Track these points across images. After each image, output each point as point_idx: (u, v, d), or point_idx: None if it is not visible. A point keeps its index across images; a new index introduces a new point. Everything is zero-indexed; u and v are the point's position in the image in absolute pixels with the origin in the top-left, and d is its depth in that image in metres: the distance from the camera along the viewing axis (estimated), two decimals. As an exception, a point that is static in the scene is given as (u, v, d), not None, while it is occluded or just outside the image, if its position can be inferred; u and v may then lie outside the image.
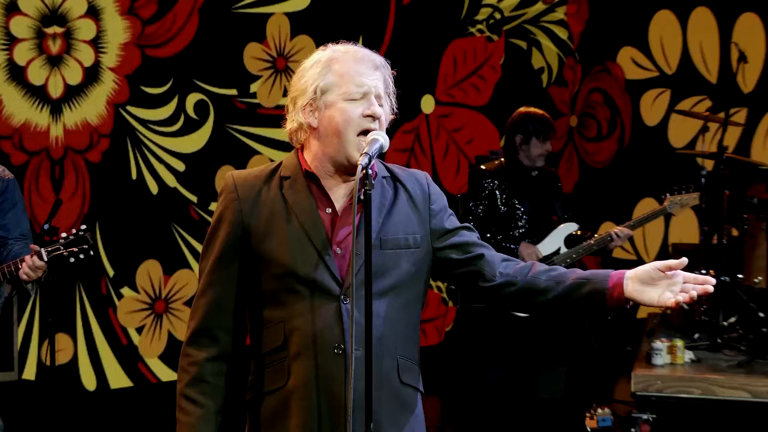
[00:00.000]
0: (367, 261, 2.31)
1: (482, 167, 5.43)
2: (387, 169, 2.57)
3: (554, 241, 5.32)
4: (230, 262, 2.47)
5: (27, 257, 4.06)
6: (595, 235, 5.35)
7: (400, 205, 2.52)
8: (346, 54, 2.49)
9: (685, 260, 2.38)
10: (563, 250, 5.30)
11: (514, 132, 5.42)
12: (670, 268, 2.38)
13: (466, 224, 2.61)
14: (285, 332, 2.41)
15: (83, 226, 4.13)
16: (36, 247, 4.06)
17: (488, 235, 5.24)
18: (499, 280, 2.53)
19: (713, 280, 2.38)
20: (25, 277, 4.05)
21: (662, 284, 2.38)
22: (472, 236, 2.59)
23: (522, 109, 5.55)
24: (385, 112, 2.50)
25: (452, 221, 2.59)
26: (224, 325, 2.48)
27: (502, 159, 5.48)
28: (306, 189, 2.47)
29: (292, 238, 2.42)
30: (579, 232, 5.39)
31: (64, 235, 4.11)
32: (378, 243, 2.43)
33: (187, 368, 2.48)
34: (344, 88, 2.45)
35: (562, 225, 5.36)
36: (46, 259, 4.05)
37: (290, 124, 2.53)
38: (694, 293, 2.36)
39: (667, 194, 5.54)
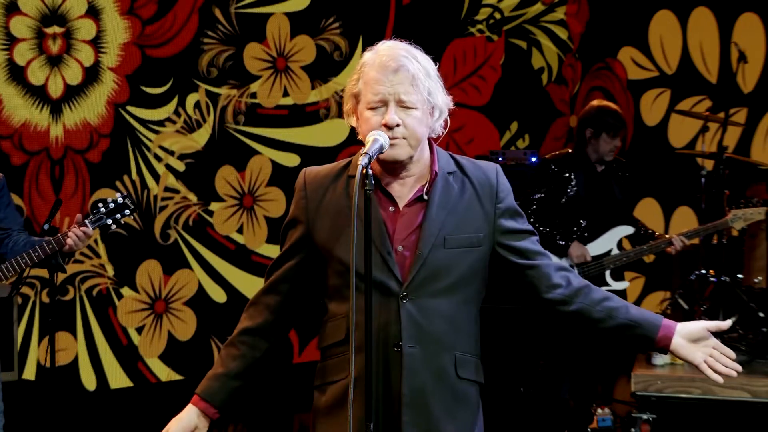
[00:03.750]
0: (367, 258, 2.36)
1: (547, 157, 5.48)
2: (456, 162, 2.62)
3: (606, 242, 5.31)
4: (294, 256, 2.62)
5: (73, 228, 4.15)
6: (650, 242, 5.32)
7: (466, 201, 2.56)
8: (374, 58, 2.52)
9: (729, 323, 2.58)
10: (614, 251, 5.30)
11: (585, 125, 5.42)
12: (719, 329, 2.55)
13: (531, 228, 2.64)
14: (347, 327, 2.48)
15: (117, 194, 4.27)
16: (80, 217, 4.15)
17: (546, 229, 5.24)
18: (552, 295, 2.58)
19: (735, 372, 2.53)
20: (72, 245, 4.16)
21: (702, 343, 2.54)
22: (535, 243, 2.62)
23: (595, 102, 5.58)
24: (427, 108, 2.54)
25: (518, 221, 2.61)
26: (272, 306, 2.63)
27: (569, 150, 5.48)
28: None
29: (354, 236, 2.46)
30: (640, 231, 5.38)
31: (100, 205, 4.22)
32: (441, 242, 2.50)
33: (233, 331, 2.65)
34: (367, 96, 2.50)
35: (617, 227, 5.34)
36: (92, 228, 4.19)
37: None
38: (731, 372, 2.53)
39: (733, 206, 5.36)
